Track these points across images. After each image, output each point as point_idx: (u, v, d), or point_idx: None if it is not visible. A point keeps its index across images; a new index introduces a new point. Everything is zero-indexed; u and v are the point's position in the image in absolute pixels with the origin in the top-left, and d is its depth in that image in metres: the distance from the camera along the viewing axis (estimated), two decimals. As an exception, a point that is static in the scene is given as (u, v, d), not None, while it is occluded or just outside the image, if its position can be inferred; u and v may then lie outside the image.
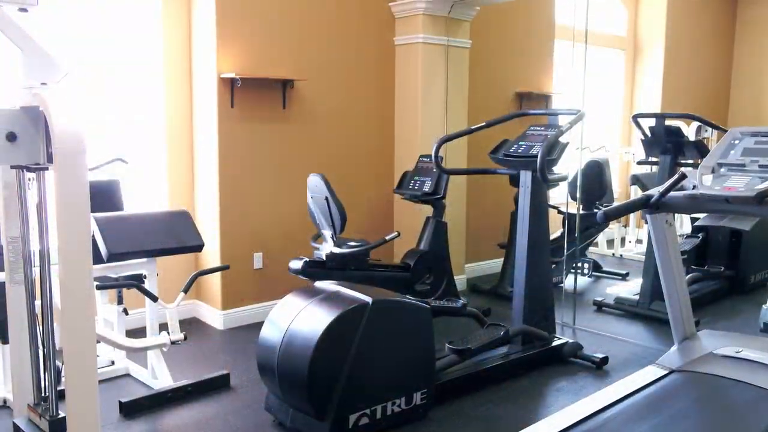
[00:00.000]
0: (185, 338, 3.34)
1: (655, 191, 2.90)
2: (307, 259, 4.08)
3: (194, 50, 4.43)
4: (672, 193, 2.84)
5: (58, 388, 1.94)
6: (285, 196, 4.66)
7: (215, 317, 4.49)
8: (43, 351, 1.93)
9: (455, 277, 4.85)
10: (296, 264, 4.07)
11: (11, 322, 2.04)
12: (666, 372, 3.15)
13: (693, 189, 2.82)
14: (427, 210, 4.74)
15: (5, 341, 3.24)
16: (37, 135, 1.82)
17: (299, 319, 2.90)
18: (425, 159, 4.68)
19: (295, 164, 4.67)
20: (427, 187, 4.51)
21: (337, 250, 4.07)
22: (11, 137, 1.78)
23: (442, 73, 5.15)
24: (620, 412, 2.79)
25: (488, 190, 5.72)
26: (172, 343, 3.26)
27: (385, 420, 2.93)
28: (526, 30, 6.06)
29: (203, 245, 3.50)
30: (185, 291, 3.39)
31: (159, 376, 3.42)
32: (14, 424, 1.97)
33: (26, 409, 1.97)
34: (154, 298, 3.29)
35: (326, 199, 3.99)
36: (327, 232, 4.14)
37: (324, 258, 4.10)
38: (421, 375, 3.06)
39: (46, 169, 1.83)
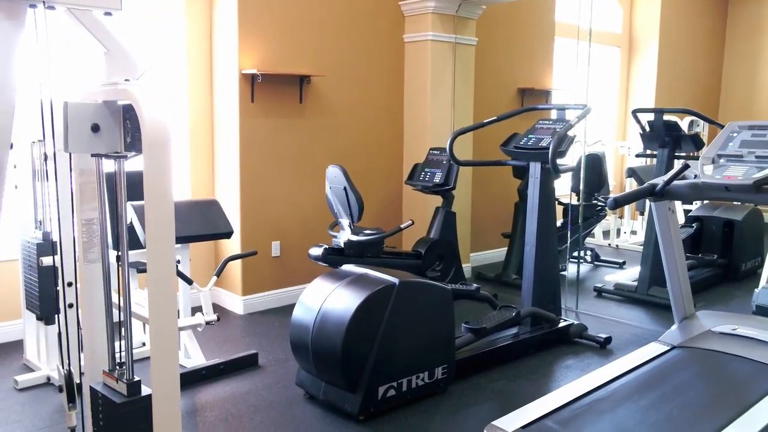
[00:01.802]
0: (218, 319, 3.55)
1: (659, 180, 3.13)
2: (327, 247, 4.29)
3: (215, 47, 4.62)
4: (675, 182, 3.08)
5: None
6: (301, 188, 4.87)
7: (236, 303, 4.69)
8: (119, 322, 2.13)
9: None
10: (316, 251, 4.28)
11: (85, 298, 2.23)
12: (668, 348, 3.40)
13: (695, 178, 3.05)
14: (437, 200, 4.97)
15: (49, 322, 3.46)
16: (116, 126, 2.02)
17: (331, 299, 3.11)
18: (435, 152, 4.91)
19: (310, 157, 4.88)
20: (437, 179, 4.74)
21: (354, 238, 4.28)
22: (95, 128, 1.97)
23: (449, 70, 5.37)
24: (626, 383, 3.02)
25: (492, 182, 5.96)
26: (207, 323, 3.47)
27: (410, 393, 3.16)
28: (529, 28, 6.29)
29: (233, 232, 3.71)
30: (217, 275, 3.60)
31: (192, 356, 3.62)
32: (91, 389, 2.17)
33: (102, 375, 2.17)
34: (190, 281, 3.50)
35: (345, 189, 4.20)
36: (345, 221, 4.35)
37: (342, 245, 4.31)
38: (442, 352, 3.29)
39: (125, 157, 2.03)
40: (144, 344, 3.92)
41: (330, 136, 4.99)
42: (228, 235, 3.70)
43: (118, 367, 2.16)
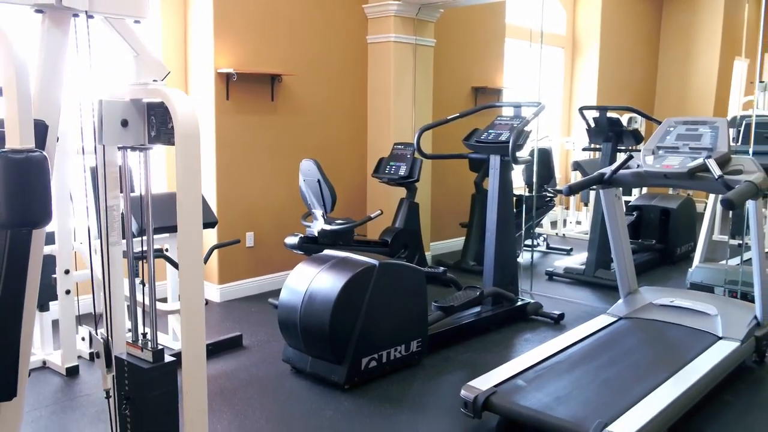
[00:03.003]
0: (207, 303, 3.78)
1: (607, 170, 3.55)
2: (302, 236, 4.57)
3: (190, 47, 4.83)
4: (621, 171, 3.49)
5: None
6: (274, 181, 5.12)
7: (213, 291, 4.92)
8: (143, 297, 2.37)
9: (423, 253, 5.43)
10: (292, 240, 4.56)
11: (112, 277, 2.46)
12: (615, 319, 3.83)
13: (638, 168, 3.47)
14: (400, 192, 5.30)
15: (44, 309, 3.64)
16: (141, 121, 2.27)
17: (317, 281, 3.40)
18: (399, 146, 5.23)
19: (281, 151, 5.14)
20: (402, 171, 5.06)
21: (327, 227, 4.58)
22: (124, 123, 2.21)
23: (410, 69, 5.71)
24: (581, 349, 3.43)
25: (450, 176, 6.33)
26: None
27: (389, 364, 3.48)
28: (482, 30, 6.68)
29: (217, 221, 3.95)
30: (204, 261, 3.83)
31: (180, 338, 3.85)
32: (117, 358, 2.40)
33: (125, 346, 2.41)
34: (176, 265, 3.72)
35: (318, 181, 4.48)
36: (318, 212, 4.63)
37: (316, 234, 4.59)
38: (416, 327, 3.62)
39: (150, 148, 2.28)
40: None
41: (299, 131, 5.26)
42: (212, 225, 3.94)
43: (141, 337, 2.40)
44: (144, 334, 2.43)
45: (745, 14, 6.14)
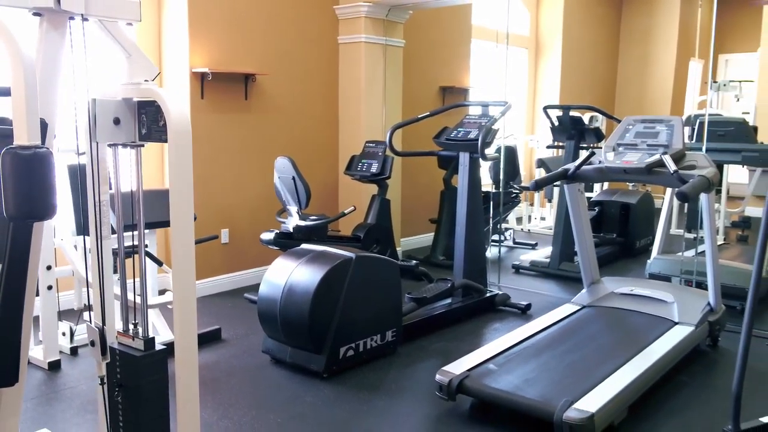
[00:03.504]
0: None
1: (571, 166, 3.74)
2: (277, 231, 4.68)
3: (165, 47, 4.89)
4: (584, 167, 3.69)
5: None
6: (248, 178, 5.22)
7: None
8: (134, 288, 2.47)
9: (394, 248, 5.58)
10: (268, 235, 4.66)
11: (93, 270, 2.55)
12: (579, 307, 4.03)
13: (599, 164, 3.67)
14: (371, 189, 5.44)
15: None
16: (132, 119, 2.37)
17: (295, 274, 3.52)
18: (371, 144, 5.37)
19: (255, 150, 5.24)
20: (374, 168, 5.20)
21: (302, 223, 4.69)
22: (116, 121, 2.31)
23: (380, 69, 5.85)
24: (548, 335, 3.62)
25: (419, 173, 6.49)
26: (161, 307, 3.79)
27: (366, 353, 3.62)
28: (449, 31, 6.86)
29: (196, 217, 4.03)
30: (184, 257, 3.91)
31: (160, 332, 3.93)
32: (110, 348, 2.50)
33: (117, 336, 2.50)
34: (160, 263, 3.80)
35: (293, 179, 4.60)
36: (293, 208, 4.75)
37: (291, 230, 4.71)
38: (391, 318, 3.77)
39: (142, 146, 2.38)
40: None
41: (272, 130, 5.37)
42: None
43: (132, 327, 2.50)
44: (135, 324, 2.53)
45: (698, 18, 6.44)
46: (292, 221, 4.74)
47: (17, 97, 1.72)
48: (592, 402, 2.75)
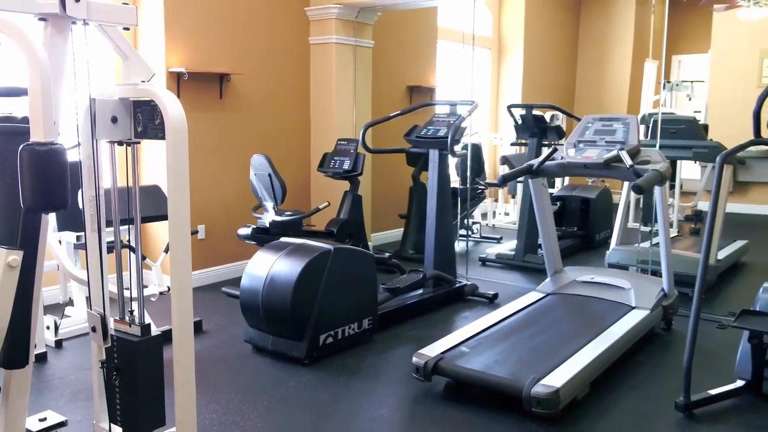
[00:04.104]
0: (169, 290, 3.99)
1: (535, 161, 3.98)
2: (254, 227, 4.82)
3: (140, 47, 4.99)
4: (547, 162, 3.93)
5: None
6: (223, 176, 5.34)
7: (165, 282, 5.09)
8: (130, 278, 2.61)
9: (364, 243, 5.77)
10: (245, 231, 4.81)
11: (91, 261, 2.67)
12: (543, 295, 4.28)
13: (561, 159, 3.92)
14: (342, 185, 5.62)
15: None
16: (128, 118, 2.51)
17: (277, 265, 3.69)
18: (343, 142, 5.54)
19: (230, 148, 5.37)
20: (346, 166, 5.38)
21: (278, 219, 4.84)
22: (114, 120, 2.45)
23: (351, 69, 6.03)
24: (515, 320, 3.85)
25: (388, 170, 6.69)
26: (160, 293, 3.91)
27: (344, 340, 3.80)
28: (416, 32, 7.07)
29: (176, 214, 4.16)
30: (166, 251, 4.04)
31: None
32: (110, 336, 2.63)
33: (114, 323, 2.64)
34: (143, 257, 3.92)
35: (269, 175, 4.75)
36: (269, 204, 4.90)
37: (267, 225, 4.85)
38: (367, 307, 3.96)
39: (138, 143, 2.53)
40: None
41: (246, 128, 5.50)
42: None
43: (128, 314, 2.64)
44: (131, 312, 2.68)
45: (652, 21, 6.77)
46: (268, 217, 4.89)
47: (34, 97, 1.86)
48: (557, 378, 2.98)
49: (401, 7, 6.13)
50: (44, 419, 2.40)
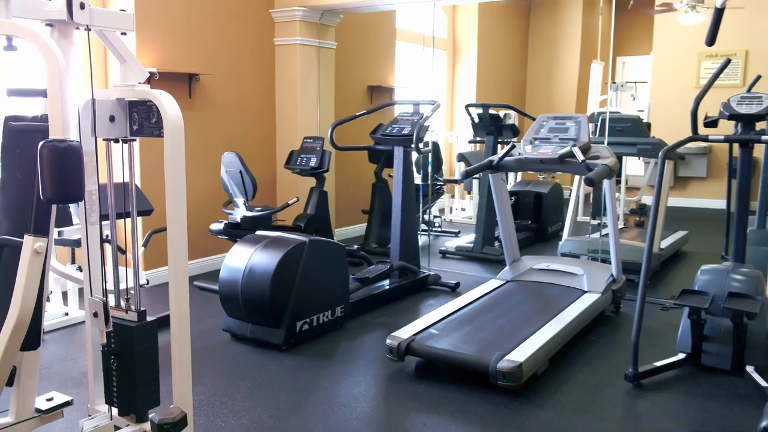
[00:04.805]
0: (147, 282, 4.14)
1: (495, 157, 4.27)
2: (226, 222, 4.99)
3: (110, 47, 5.09)
4: (506, 158, 4.23)
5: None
6: (192, 173, 5.48)
7: (145, 274, 5.22)
8: (126, 267, 2.78)
9: (331, 238, 5.99)
10: (217, 226, 4.97)
11: (91, 252, 2.83)
12: (503, 282, 4.58)
13: (519, 155, 4.22)
14: (308, 182, 5.83)
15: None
16: (124, 117, 2.68)
17: (255, 257, 3.88)
18: (309, 140, 5.75)
19: (199, 146, 5.52)
20: (313, 163, 5.59)
21: (249, 214, 5.02)
22: (112, 119, 2.63)
23: (314, 70, 6.24)
24: (478, 305, 4.13)
25: (351, 167, 6.92)
26: (140, 285, 4.05)
27: (319, 327, 4.02)
28: (376, 34, 7.32)
29: (153, 209, 4.30)
30: (144, 245, 4.18)
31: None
32: (106, 320, 2.79)
33: (111, 310, 2.80)
34: (123, 251, 4.06)
35: (240, 172, 4.92)
36: (240, 200, 5.07)
37: (239, 220, 5.03)
38: (340, 295, 4.18)
39: (134, 140, 2.70)
40: (67, 314, 4.39)
41: (214, 127, 5.65)
42: (149, 212, 4.29)
43: (125, 302, 2.81)
44: (127, 299, 2.85)
45: (599, 24, 7.17)
46: (240, 212, 5.06)
47: (54, 98, 2.02)
48: (520, 355, 3.27)
49: (363, 10, 6.37)
50: (51, 399, 2.55)
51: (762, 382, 3.25)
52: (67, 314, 4.38)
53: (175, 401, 2.64)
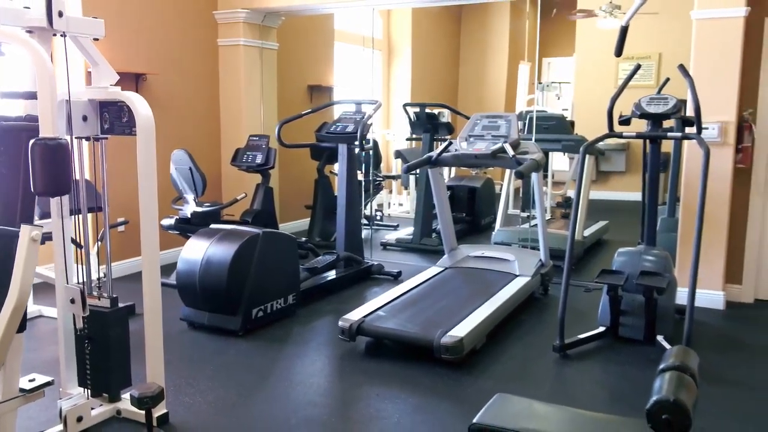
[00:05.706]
0: (105, 275, 4.27)
1: (433, 153, 4.61)
2: (177, 218, 5.16)
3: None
4: (443, 154, 4.58)
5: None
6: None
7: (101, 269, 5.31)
8: (98, 258, 2.96)
9: (280, 230, 6.22)
10: (168, 221, 5.13)
11: (67, 245, 2.99)
12: (442, 269, 4.93)
13: (455, 151, 4.58)
14: (253, 178, 6.04)
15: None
16: (96, 117, 2.87)
17: (211, 249, 4.09)
18: (254, 138, 5.95)
19: (147, 144, 5.64)
20: (259, 160, 5.79)
21: (199, 209, 5.20)
22: (84, 118, 2.81)
23: (258, 69, 6.44)
24: (420, 290, 4.47)
25: (293, 164, 7.15)
26: (98, 279, 4.19)
27: (273, 314, 4.27)
28: (315, 35, 7.57)
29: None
30: (101, 240, 4.32)
31: (79, 310, 4.31)
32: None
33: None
34: (80, 246, 4.18)
35: (190, 169, 5.10)
36: (189, 196, 5.24)
37: (189, 216, 5.20)
38: (292, 284, 4.44)
39: (106, 138, 2.89)
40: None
41: (162, 126, 5.77)
42: (101, 208, 4.42)
43: (97, 290, 3.00)
44: (99, 287, 3.04)
45: (526, 27, 7.65)
46: (189, 208, 5.23)
47: (44, 100, 2.21)
48: (461, 330, 3.62)
49: (303, 12, 6.61)
50: (33, 380, 2.71)
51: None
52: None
53: (149, 378, 2.86)
